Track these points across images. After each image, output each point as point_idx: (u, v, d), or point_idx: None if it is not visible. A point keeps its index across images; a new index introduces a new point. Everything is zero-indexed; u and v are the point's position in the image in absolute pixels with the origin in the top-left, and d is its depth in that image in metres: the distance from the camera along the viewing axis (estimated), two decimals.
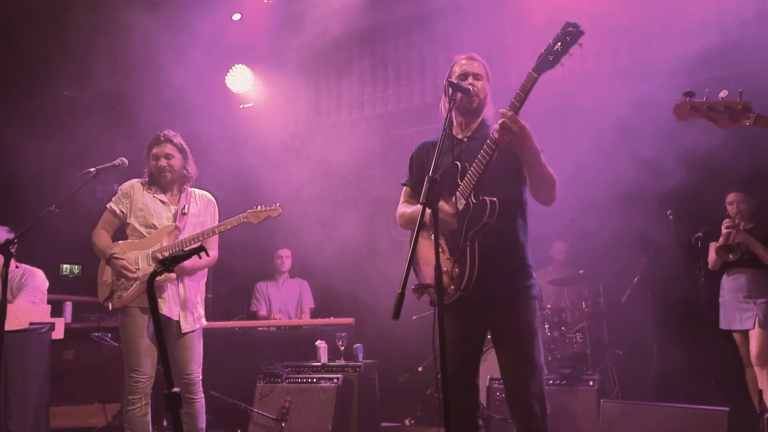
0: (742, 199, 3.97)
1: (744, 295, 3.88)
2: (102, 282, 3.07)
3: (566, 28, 2.00)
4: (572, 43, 1.99)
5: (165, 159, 3.06)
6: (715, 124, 1.81)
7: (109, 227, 3.10)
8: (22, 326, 3.60)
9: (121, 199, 3.10)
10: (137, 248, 3.02)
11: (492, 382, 3.90)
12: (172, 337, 3.00)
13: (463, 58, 2.39)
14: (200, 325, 3.09)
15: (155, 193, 3.10)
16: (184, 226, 3.07)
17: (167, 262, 1.87)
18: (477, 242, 2.14)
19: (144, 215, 3.05)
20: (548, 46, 2.02)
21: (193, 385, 3.01)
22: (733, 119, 1.78)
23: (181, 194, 3.13)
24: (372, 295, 4.61)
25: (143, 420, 2.92)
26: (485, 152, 2.12)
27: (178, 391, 1.72)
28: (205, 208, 3.19)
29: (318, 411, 3.85)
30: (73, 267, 5.65)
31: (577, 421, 3.61)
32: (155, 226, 3.04)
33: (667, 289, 4.65)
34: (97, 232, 3.09)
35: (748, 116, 1.76)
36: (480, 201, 2.15)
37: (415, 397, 4.85)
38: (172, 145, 3.08)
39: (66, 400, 4.20)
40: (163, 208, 3.08)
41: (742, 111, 1.77)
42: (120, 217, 3.09)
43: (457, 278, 2.14)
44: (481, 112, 2.37)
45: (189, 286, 3.06)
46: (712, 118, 1.81)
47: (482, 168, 2.13)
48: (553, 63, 2.01)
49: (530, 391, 2.14)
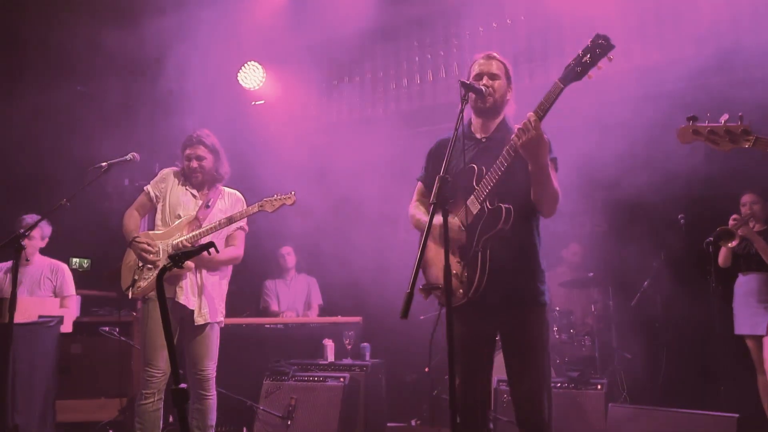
0: (756, 201, 3.93)
1: (756, 299, 3.84)
2: (126, 269, 3.10)
3: (596, 41, 1.96)
4: (602, 56, 1.95)
5: (196, 160, 3.10)
6: (717, 146, 1.90)
7: (141, 209, 3.17)
8: (31, 319, 3.62)
9: (158, 183, 3.16)
10: (160, 238, 3.05)
11: (499, 383, 3.87)
12: (188, 332, 3.01)
13: (481, 57, 2.35)
14: (216, 320, 3.09)
15: (188, 186, 3.15)
16: (205, 218, 3.09)
17: (177, 258, 1.87)
18: (489, 248, 2.12)
19: (174, 204, 3.09)
20: (577, 57, 1.98)
21: (207, 381, 3.02)
22: (733, 142, 1.87)
23: (210, 191, 3.16)
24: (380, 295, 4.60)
25: (155, 415, 2.93)
26: (504, 158, 2.09)
27: (185, 387, 1.73)
28: (233, 206, 3.21)
29: (324, 410, 3.84)
30: (82, 261, 5.68)
31: (585, 424, 3.59)
32: (180, 216, 3.08)
33: (678, 293, 4.61)
34: (129, 213, 3.14)
35: (747, 139, 1.85)
36: (495, 207, 2.13)
37: (421, 397, 4.83)
38: (204, 147, 3.12)
39: (73, 394, 4.22)
40: (192, 201, 3.12)
41: (742, 134, 1.86)
42: (153, 201, 3.14)
43: (467, 283, 2.12)
44: (499, 112, 2.33)
45: (207, 279, 3.07)
46: (714, 141, 1.90)
47: (500, 174, 2.11)
48: (581, 75, 1.98)
49: (537, 402, 2.13)
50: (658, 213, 4.66)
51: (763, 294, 3.82)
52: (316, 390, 3.94)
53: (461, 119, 2.09)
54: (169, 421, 4.09)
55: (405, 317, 1.76)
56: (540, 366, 2.16)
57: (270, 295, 5.29)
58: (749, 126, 1.85)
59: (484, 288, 2.10)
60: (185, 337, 3.04)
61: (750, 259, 3.89)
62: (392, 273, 4.49)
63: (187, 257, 1.91)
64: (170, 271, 1.89)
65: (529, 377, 2.15)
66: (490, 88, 2.27)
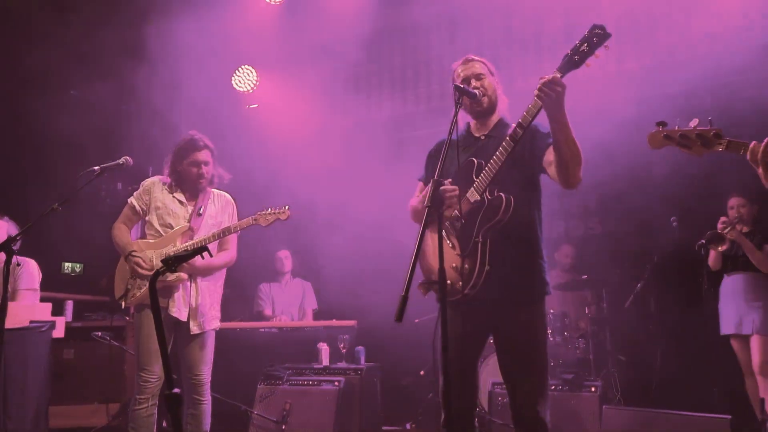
0: (743, 203, 3.96)
1: (742, 299, 3.87)
2: (120, 278, 3.08)
3: (593, 30, 1.98)
4: (599, 44, 1.97)
5: (204, 166, 3.06)
6: (690, 151, 1.90)
7: (128, 222, 3.13)
8: (23, 324, 3.59)
9: (141, 196, 3.11)
10: (153, 248, 3.02)
11: (494, 386, 3.88)
12: (182, 337, 2.99)
13: (459, 63, 2.38)
14: (212, 327, 3.07)
15: (175, 193, 3.10)
16: (198, 227, 3.06)
17: (170, 261, 1.86)
18: (489, 240, 2.11)
19: (162, 214, 3.05)
20: (574, 46, 2.00)
21: (201, 386, 2.99)
22: (705, 146, 1.87)
23: (200, 194, 3.12)
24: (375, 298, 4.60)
25: (149, 420, 2.91)
26: (504, 149, 2.10)
27: (179, 392, 1.71)
28: (223, 209, 3.18)
29: (319, 414, 3.83)
30: (74, 265, 5.65)
31: (579, 426, 3.60)
32: (171, 225, 3.04)
33: (670, 295, 4.64)
34: (117, 227, 3.10)
35: (720, 142, 1.85)
36: (496, 197, 2.13)
37: (416, 401, 4.82)
38: (209, 152, 3.08)
39: (66, 400, 4.18)
40: (180, 208, 3.07)
41: (714, 137, 1.85)
42: (139, 214, 3.11)
43: (467, 275, 2.10)
44: (494, 110, 2.35)
45: (202, 288, 3.04)
46: (686, 146, 1.90)
47: (500, 164, 2.11)
48: (578, 63, 1.99)
49: (534, 404, 2.12)
50: (650, 216, 4.69)
51: (748, 294, 3.85)
52: (310, 394, 3.92)
53: (455, 122, 2.09)
54: (163, 426, 4.06)
55: (400, 320, 1.75)
56: (539, 363, 2.16)
57: (264, 298, 5.27)
58: (720, 130, 1.85)
59: (483, 281, 2.09)
60: (180, 343, 3.02)
61: (736, 260, 3.93)
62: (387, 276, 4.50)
63: (181, 261, 1.90)
64: (164, 279, 1.88)
65: (529, 375, 2.15)
66: (482, 88, 2.29)
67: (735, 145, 1.85)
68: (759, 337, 3.75)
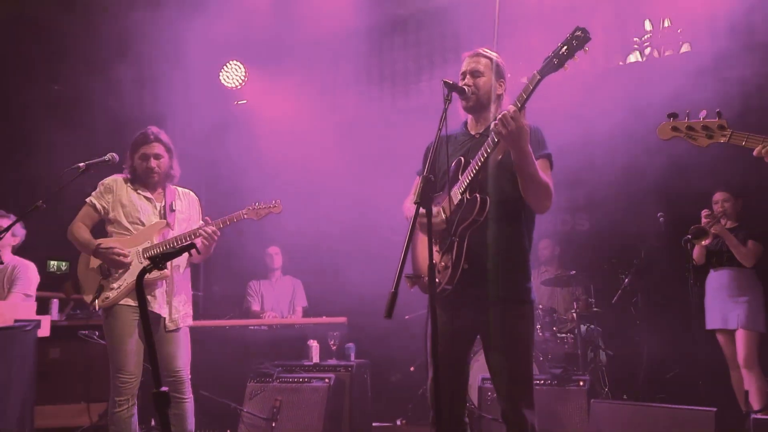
0: (728, 198, 4.00)
1: (727, 294, 3.92)
2: (87, 279, 2.99)
3: (574, 33, 1.99)
4: (579, 47, 1.98)
5: (154, 159, 2.98)
6: (695, 142, 2.01)
7: (88, 221, 3.01)
8: (7, 323, 3.54)
9: (102, 194, 3.02)
10: (125, 245, 2.95)
11: (484, 381, 3.90)
12: (159, 334, 2.94)
13: (468, 54, 2.36)
14: (186, 323, 3.03)
15: (139, 189, 3.03)
16: (174, 222, 3.02)
17: (157, 259, 1.84)
18: (467, 239, 2.14)
19: (129, 211, 2.98)
20: (555, 49, 2.01)
21: (182, 384, 2.93)
22: (710, 137, 1.98)
23: (166, 192, 3.07)
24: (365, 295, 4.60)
25: (129, 421, 2.86)
26: (484, 149, 2.11)
27: (166, 390, 1.70)
28: (190, 206, 3.15)
29: (309, 411, 3.83)
30: (60, 263, 5.57)
31: (567, 420, 3.63)
32: (141, 222, 2.98)
33: (657, 290, 4.69)
34: (76, 225, 2.98)
35: (723, 134, 1.95)
36: (472, 198, 2.15)
37: (407, 397, 4.84)
38: (161, 145, 3.01)
39: (51, 400, 4.13)
40: (148, 205, 3.02)
41: (718, 129, 1.96)
42: (100, 213, 3.01)
43: (443, 271, 2.15)
44: (486, 108, 2.34)
45: (177, 283, 3.01)
46: (692, 137, 2.01)
47: (479, 165, 2.13)
48: (558, 66, 2.01)
49: (520, 403, 2.14)
50: (638, 211, 4.73)
51: (733, 289, 3.90)
52: (301, 391, 3.92)
53: (445, 119, 2.08)
54: (151, 425, 4.03)
55: (389, 317, 1.75)
56: (524, 361, 2.18)
57: (253, 295, 5.25)
58: (726, 122, 1.93)
59: (459, 277, 2.11)
60: (157, 341, 2.97)
61: (721, 255, 3.97)
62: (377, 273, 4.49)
63: (168, 258, 1.88)
64: (150, 275, 1.86)
65: (514, 381, 2.16)
66: (472, 86, 2.28)
67: (738, 137, 1.93)
68: (744, 331, 3.81)
